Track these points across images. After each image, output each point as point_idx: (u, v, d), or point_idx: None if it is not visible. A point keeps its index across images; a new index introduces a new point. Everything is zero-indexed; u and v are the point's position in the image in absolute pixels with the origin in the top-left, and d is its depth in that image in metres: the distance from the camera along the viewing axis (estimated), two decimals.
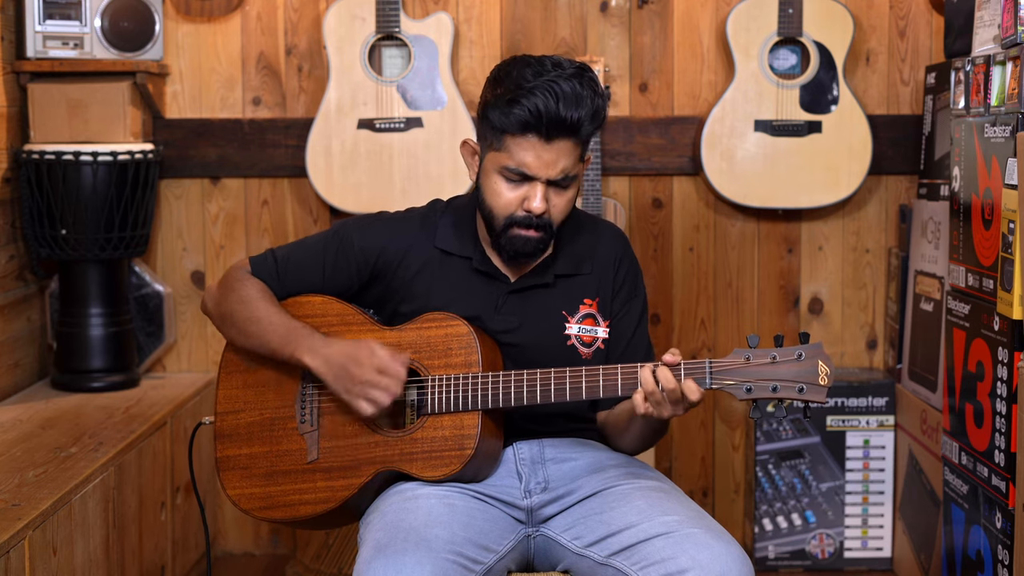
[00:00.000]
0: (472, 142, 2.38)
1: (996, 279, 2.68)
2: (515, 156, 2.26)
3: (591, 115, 2.24)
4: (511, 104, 2.22)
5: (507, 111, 2.23)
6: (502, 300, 2.39)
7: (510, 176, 2.28)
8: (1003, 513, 2.65)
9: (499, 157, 2.28)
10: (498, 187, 2.30)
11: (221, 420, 2.43)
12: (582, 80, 2.24)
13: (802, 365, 2.15)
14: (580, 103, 2.22)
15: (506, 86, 2.25)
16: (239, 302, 2.41)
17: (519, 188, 2.28)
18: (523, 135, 2.24)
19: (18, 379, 3.55)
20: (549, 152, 2.24)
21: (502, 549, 2.23)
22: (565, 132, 2.23)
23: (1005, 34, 2.67)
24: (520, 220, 2.29)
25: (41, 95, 3.56)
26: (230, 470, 2.41)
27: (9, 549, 2.35)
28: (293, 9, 3.83)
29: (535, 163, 2.25)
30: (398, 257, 2.41)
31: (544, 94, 2.21)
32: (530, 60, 2.28)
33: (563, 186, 2.29)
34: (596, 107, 2.25)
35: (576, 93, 2.22)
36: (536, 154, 2.24)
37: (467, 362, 2.30)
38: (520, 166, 2.26)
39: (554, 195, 2.29)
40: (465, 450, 2.27)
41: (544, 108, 2.20)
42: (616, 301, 2.45)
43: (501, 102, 2.24)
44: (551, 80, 2.22)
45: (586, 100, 2.23)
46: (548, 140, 2.23)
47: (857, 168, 3.71)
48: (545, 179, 2.26)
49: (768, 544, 3.77)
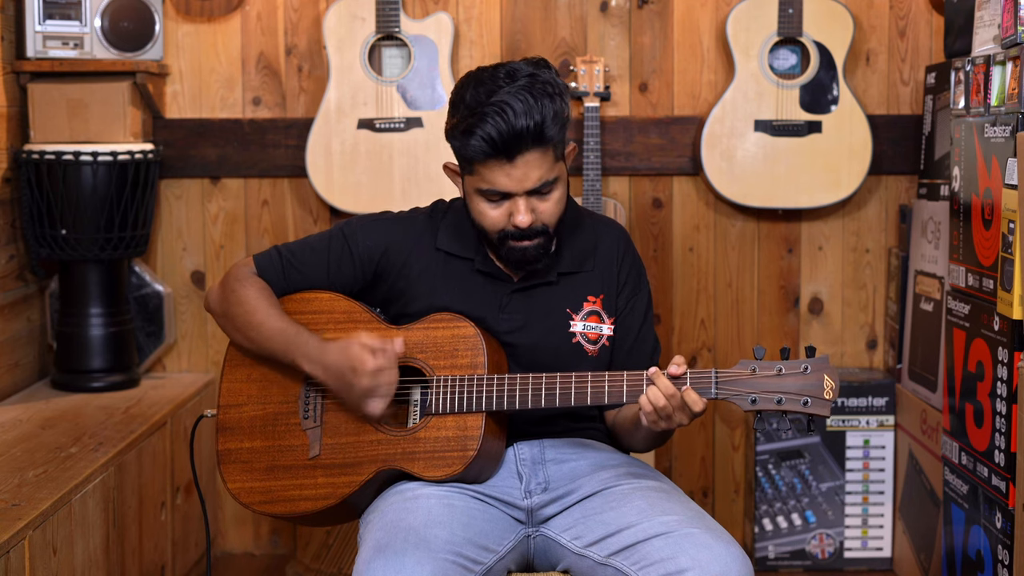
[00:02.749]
0: (452, 164, 2.38)
1: (996, 279, 2.68)
2: (486, 179, 2.26)
3: (551, 119, 2.21)
4: (466, 135, 2.22)
5: (465, 142, 2.23)
6: (506, 300, 2.39)
7: (489, 196, 2.28)
8: (1003, 513, 2.65)
9: (473, 181, 2.30)
10: (481, 207, 2.31)
11: (224, 413, 2.43)
12: (532, 90, 2.20)
13: (808, 378, 2.15)
14: (532, 112, 2.19)
15: (461, 114, 2.25)
16: (240, 304, 2.41)
17: (501, 205, 2.29)
18: (486, 160, 2.23)
19: (18, 379, 3.55)
20: (517, 169, 2.23)
21: (502, 549, 2.24)
22: (527, 145, 2.21)
23: (1005, 34, 2.67)
24: (512, 234, 2.30)
25: (41, 95, 3.56)
26: (231, 463, 2.41)
27: (9, 549, 2.35)
28: (293, 9, 3.83)
29: (507, 182, 2.25)
30: (401, 257, 2.41)
31: (494, 118, 2.19)
32: (482, 78, 2.26)
33: (544, 192, 2.28)
34: (555, 110, 2.22)
35: (527, 105, 2.19)
36: (505, 173, 2.24)
37: (473, 363, 2.30)
38: (494, 187, 2.26)
39: (538, 202, 2.29)
40: (468, 451, 2.27)
41: (496, 133, 2.19)
42: (621, 298, 2.45)
43: (458, 133, 2.24)
44: (500, 100, 2.19)
45: (539, 107, 2.20)
46: (511, 159, 2.22)
47: (857, 168, 3.71)
48: (523, 192, 2.26)
49: (768, 544, 3.77)
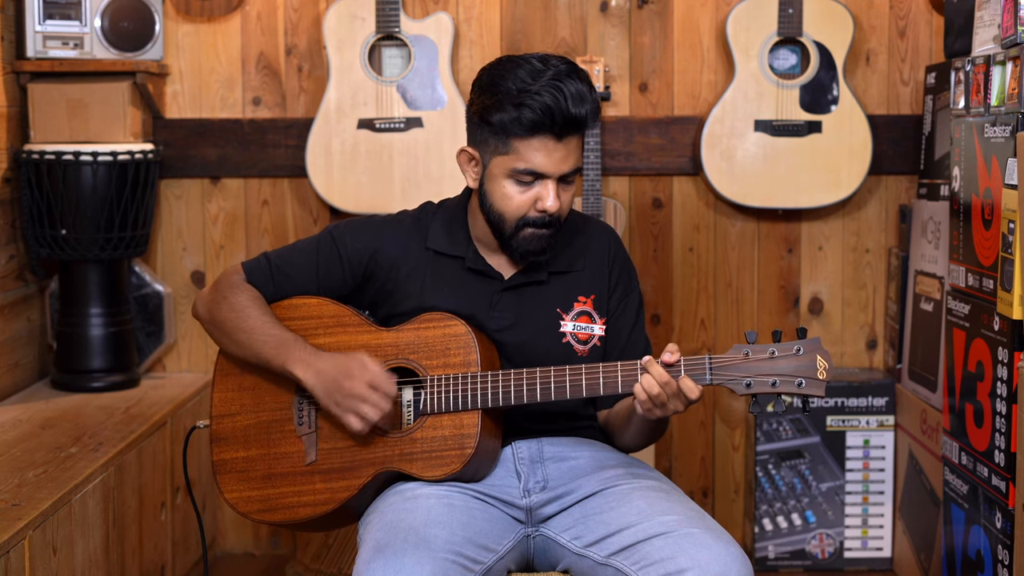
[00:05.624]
0: (470, 149, 2.36)
1: (996, 279, 2.68)
2: (526, 158, 2.26)
3: (594, 110, 2.28)
4: (519, 108, 2.23)
5: (516, 115, 2.24)
6: (496, 298, 2.39)
7: (521, 178, 2.29)
8: (1003, 513, 2.65)
9: (507, 161, 2.28)
10: (508, 190, 2.30)
11: (217, 423, 2.42)
12: (580, 76, 2.27)
13: (800, 360, 2.16)
14: (584, 99, 2.25)
15: (506, 90, 2.25)
16: (231, 310, 2.40)
17: (530, 189, 2.30)
18: (532, 136, 2.25)
19: (18, 379, 3.55)
20: (559, 150, 2.26)
21: (502, 549, 2.23)
22: (574, 129, 2.26)
23: (1005, 34, 2.67)
24: (534, 220, 2.31)
25: (41, 95, 3.56)
26: (227, 473, 2.40)
27: (9, 549, 2.35)
28: (293, 9, 3.83)
29: (547, 162, 2.26)
30: (390, 259, 2.41)
31: (551, 93, 2.22)
32: (519, 61, 2.29)
33: (570, 181, 2.32)
34: (595, 100, 2.29)
35: (579, 90, 2.25)
36: (547, 153, 2.26)
37: (465, 362, 2.30)
38: (533, 167, 2.27)
39: (562, 191, 2.32)
40: (465, 449, 2.27)
41: (555, 107, 2.22)
42: (612, 299, 2.45)
43: (506, 106, 2.25)
44: (553, 79, 2.24)
45: (587, 95, 2.26)
46: (560, 138, 2.26)
47: (857, 168, 3.71)
48: (557, 176, 2.28)
49: (768, 544, 3.77)
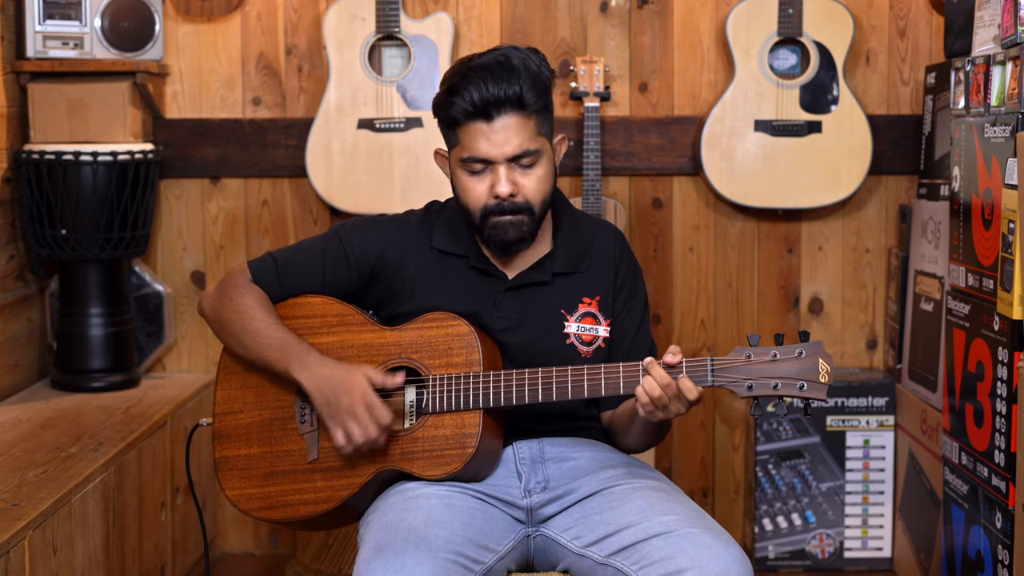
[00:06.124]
0: (442, 150, 2.42)
1: (996, 279, 2.68)
2: (467, 146, 2.30)
3: (530, 84, 2.27)
4: (449, 96, 2.28)
5: (448, 105, 2.29)
6: (500, 297, 2.39)
7: (472, 168, 2.31)
8: (1003, 513, 2.65)
9: (457, 152, 2.33)
10: (465, 182, 2.33)
11: (220, 421, 2.43)
12: (510, 55, 2.28)
13: (803, 363, 2.16)
14: (512, 75, 2.26)
15: (445, 84, 2.31)
16: (236, 311, 2.40)
17: (484, 178, 2.31)
18: (468, 123, 2.28)
19: (18, 379, 3.55)
20: (496, 132, 2.28)
21: (502, 549, 2.23)
22: (505, 107, 2.26)
23: (1005, 34, 2.67)
24: (493, 208, 2.32)
25: (41, 95, 3.56)
26: (229, 471, 2.40)
27: (9, 549, 2.35)
28: (293, 9, 3.83)
29: (486, 146, 2.28)
30: (396, 258, 2.42)
31: (474, 78, 2.26)
32: (472, 56, 2.33)
33: (526, 164, 2.31)
34: (532, 75, 2.28)
35: (506, 67, 2.26)
36: (485, 137, 2.28)
37: (468, 361, 2.30)
38: (475, 153, 2.29)
39: (520, 175, 2.31)
40: (466, 449, 2.27)
41: (476, 91, 2.25)
42: (618, 300, 2.45)
43: (442, 99, 2.31)
44: (480, 64, 2.27)
45: (518, 71, 2.26)
46: (490, 120, 2.27)
47: (857, 168, 3.71)
48: (503, 159, 2.29)
49: (768, 544, 3.77)
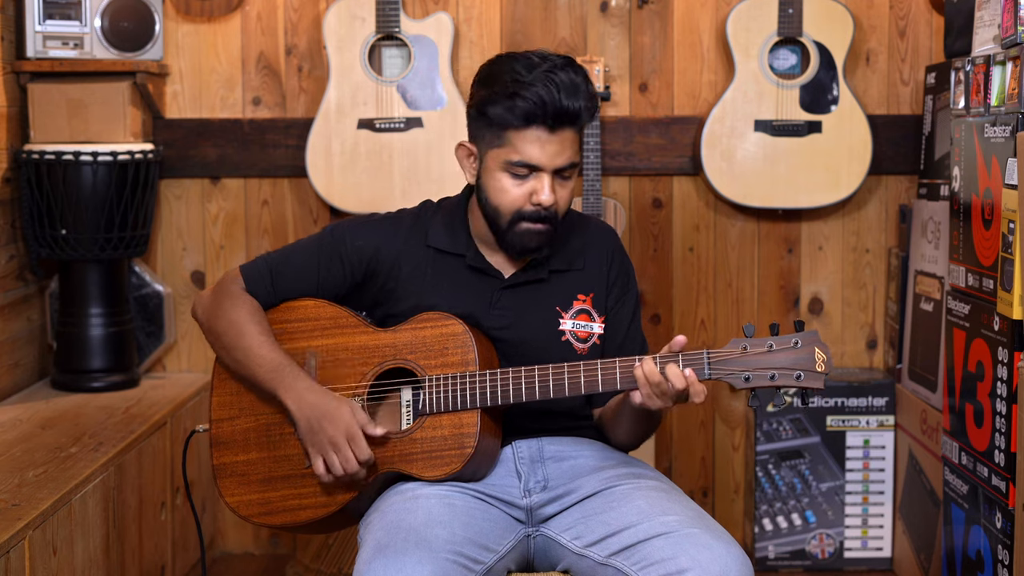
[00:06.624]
0: (468, 144, 2.38)
1: (996, 279, 2.68)
2: (520, 150, 2.27)
3: (588, 104, 2.28)
4: (513, 98, 2.24)
5: (510, 105, 2.25)
6: (496, 296, 2.39)
7: (516, 171, 2.29)
8: (1003, 513, 2.65)
9: (502, 153, 2.29)
10: (503, 183, 2.30)
11: (216, 427, 2.41)
12: (576, 70, 2.28)
13: (799, 352, 2.16)
14: (578, 92, 2.26)
15: (502, 82, 2.27)
16: (229, 325, 2.39)
17: (525, 183, 2.30)
18: (527, 128, 2.26)
19: (18, 379, 3.55)
20: (553, 143, 2.27)
21: (502, 549, 2.23)
22: (567, 121, 2.27)
23: (1005, 34, 2.67)
24: (529, 214, 2.30)
25: (41, 95, 3.56)
26: (228, 477, 2.40)
27: (9, 549, 2.35)
28: (293, 9, 3.83)
29: (541, 154, 2.27)
30: (391, 257, 2.41)
31: (544, 85, 2.23)
32: (518, 56, 2.31)
33: (567, 176, 2.32)
34: (591, 95, 2.29)
35: (573, 83, 2.26)
36: (541, 145, 2.26)
37: (463, 361, 2.30)
38: (526, 159, 2.27)
39: (559, 186, 2.31)
40: (465, 449, 2.27)
41: (548, 98, 2.23)
42: (610, 297, 2.45)
43: (501, 97, 2.26)
44: (547, 71, 2.25)
45: (582, 89, 2.27)
46: (552, 130, 2.26)
47: (857, 168, 3.71)
48: (552, 169, 2.28)
49: (768, 544, 3.77)
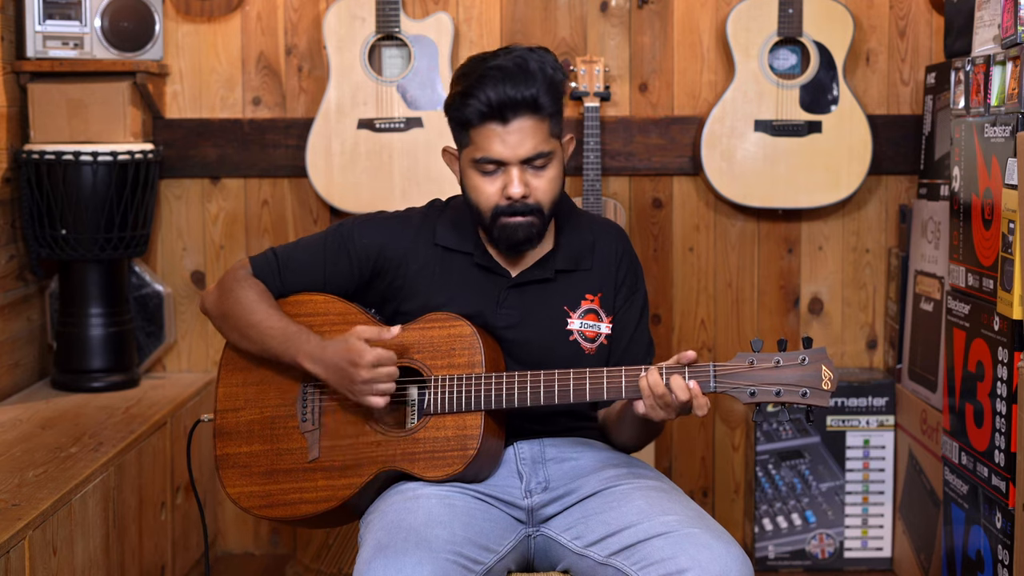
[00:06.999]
0: (451, 148, 2.41)
1: (996, 279, 2.68)
2: (481, 147, 2.29)
3: (545, 88, 2.26)
4: (465, 97, 2.27)
5: (462, 106, 2.28)
6: (503, 295, 2.39)
7: (484, 168, 2.31)
8: (1003, 513, 2.65)
9: (470, 152, 2.32)
10: (477, 182, 2.33)
11: (221, 418, 2.43)
12: (528, 58, 2.27)
13: (805, 369, 2.16)
14: (528, 79, 2.25)
15: (458, 84, 2.30)
16: (237, 304, 2.41)
17: (496, 178, 2.31)
18: (482, 124, 2.27)
19: (18, 379, 3.55)
20: (511, 134, 2.27)
21: (502, 549, 2.24)
22: (521, 110, 2.26)
23: (1005, 34, 2.67)
24: (504, 209, 2.31)
25: (41, 95, 3.56)
26: (230, 468, 2.41)
27: (9, 549, 2.35)
28: (293, 9, 3.83)
29: (501, 148, 2.28)
30: (399, 255, 2.41)
31: (491, 79, 2.24)
32: (484, 54, 2.32)
33: (539, 166, 2.31)
34: (549, 78, 2.27)
35: (523, 69, 2.25)
36: (500, 139, 2.27)
37: (470, 362, 2.30)
38: (488, 154, 2.28)
39: (532, 177, 2.31)
40: (468, 450, 2.27)
41: (493, 91, 2.24)
42: (619, 297, 2.45)
43: (457, 99, 2.29)
44: (496, 65, 2.26)
45: (535, 74, 2.25)
46: (506, 122, 2.26)
47: (857, 168, 3.71)
48: (516, 161, 2.28)
49: (768, 544, 3.77)
